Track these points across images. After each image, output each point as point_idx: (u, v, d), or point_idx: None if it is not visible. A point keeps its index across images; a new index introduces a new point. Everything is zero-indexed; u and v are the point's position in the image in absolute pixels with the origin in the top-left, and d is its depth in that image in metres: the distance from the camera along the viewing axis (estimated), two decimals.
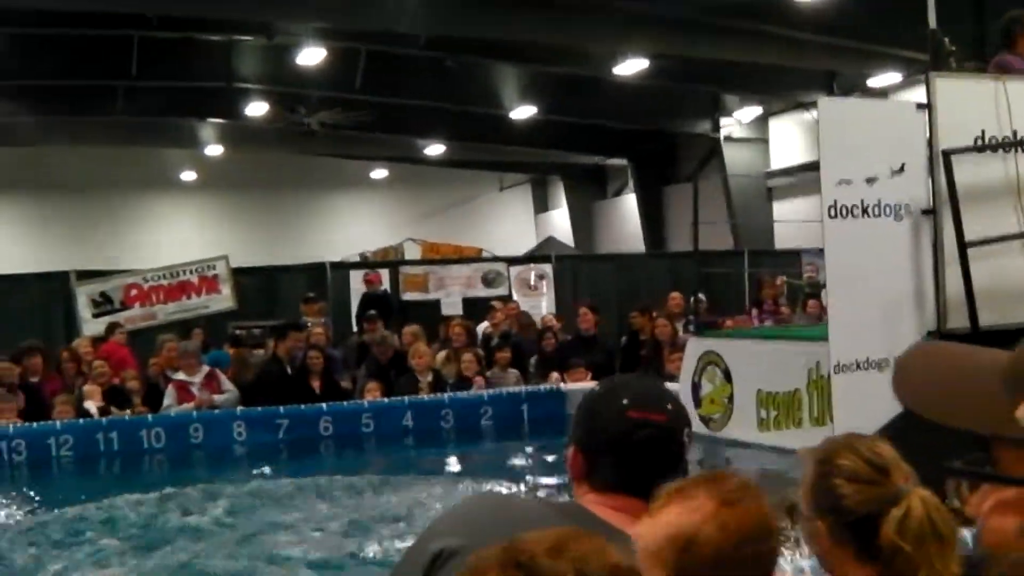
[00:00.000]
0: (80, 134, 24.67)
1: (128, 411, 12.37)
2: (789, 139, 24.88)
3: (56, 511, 9.02)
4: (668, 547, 2.01)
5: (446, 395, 12.88)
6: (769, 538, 2.06)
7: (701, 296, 12.63)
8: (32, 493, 10.16)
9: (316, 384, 13.05)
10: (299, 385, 12.94)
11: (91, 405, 12.15)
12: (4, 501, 9.68)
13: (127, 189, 26.37)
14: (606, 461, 2.33)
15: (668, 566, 2.02)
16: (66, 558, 7.56)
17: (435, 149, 28.30)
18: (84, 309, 16.01)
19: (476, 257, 21.77)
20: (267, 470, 11.10)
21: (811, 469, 2.27)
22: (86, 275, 16.77)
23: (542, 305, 19.02)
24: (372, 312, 15.99)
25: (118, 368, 13.28)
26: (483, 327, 15.95)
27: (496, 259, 20.70)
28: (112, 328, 15.01)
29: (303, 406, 12.46)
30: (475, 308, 17.91)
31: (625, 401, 2.33)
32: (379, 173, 31.67)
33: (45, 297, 16.73)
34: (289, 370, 13.17)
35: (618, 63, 20.60)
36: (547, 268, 19.93)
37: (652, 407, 2.34)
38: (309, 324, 14.74)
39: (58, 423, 11.78)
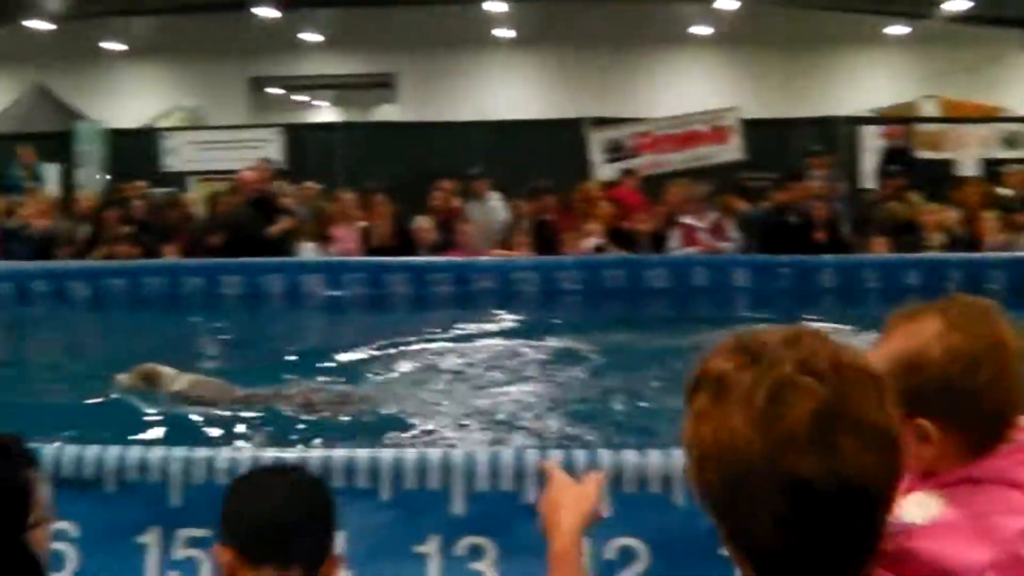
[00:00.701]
0: None
1: (629, 251, 12.90)
2: None
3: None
4: (896, 371, 1.91)
5: (953, 255, 12.38)
6: (1006, 367, 1.93)
7: None
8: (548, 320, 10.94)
9: (819, 236, 12.95)
10: (801, 236, 12.89)
11: (591, 242, 12.82)
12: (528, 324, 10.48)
13: (640, 43, 26.92)
14: None
15: (897, 391, 1.88)
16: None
17: (955, 5, 26.61)
18: (597, 155, 16.78)
19: (996, 117, 20.44)
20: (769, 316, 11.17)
21: None
22: (599, 123, 17.52)
23: None
24: (894, 167, 15.53)
25: (628, 211, 13.85)
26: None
27: (1018, 119, 19.34)
28: (624, 174, 15.65)
29: (804, 256, 12.42)
30: (993, 169, 16.87)
31: None
32: (895, 30, 30.29)
33: (560, 142, 17.63)
34: (793, 220, 13.15)
35: None
36: None
37: None
38: (815, 176, 14.58)
39: (568, 258, 12.57)
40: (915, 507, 1.89)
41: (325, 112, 34.18)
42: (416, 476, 4.17)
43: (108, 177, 18.48)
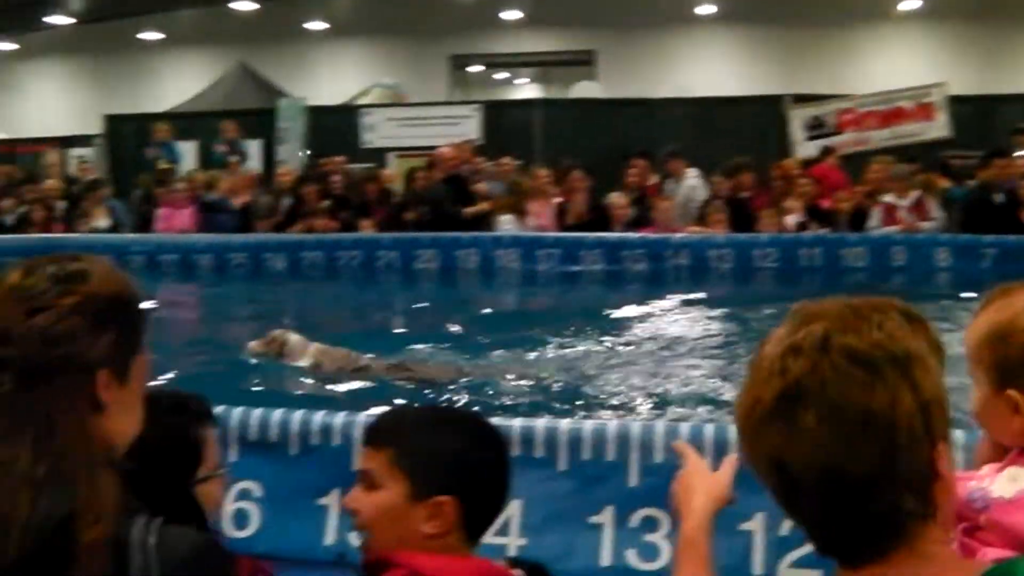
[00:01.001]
0: None
1: (828, 229, 12.61)
2: None
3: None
4: (986, 343, 2.06)
5: None
6: None
7: None
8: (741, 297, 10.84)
9: None
10: (1007, 215, 12.35)
11: (791, 219, 12.58)
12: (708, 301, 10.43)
13: (844, 19, 26.23)
14: None
15: (988, 363, 2.07)
16: None
17: None
18: (797, 132, 16.46)
19: None
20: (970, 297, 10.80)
21: None
22: (801, 100, 17.16)
23: None
24: None
25: (828, 189, 13.54)
26: None
27: None
28: (825, 152, 15.29)
29: (1010, 236, 11.93)
30: None
31: None
32: None
33: (760, 119, 17.36)
34: (998, 199, 12.60)
35: None
36: None
37: None
38: (1022, 154, 13.95)
39: (763, 235, 12.42)
40: (1007, 481, 1.96)
41: (525, 89, 34.37)
42: (593, 447, 4.15)
43: (308, 153, 18.99)
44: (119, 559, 1.66)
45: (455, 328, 9.29)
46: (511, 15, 27.65)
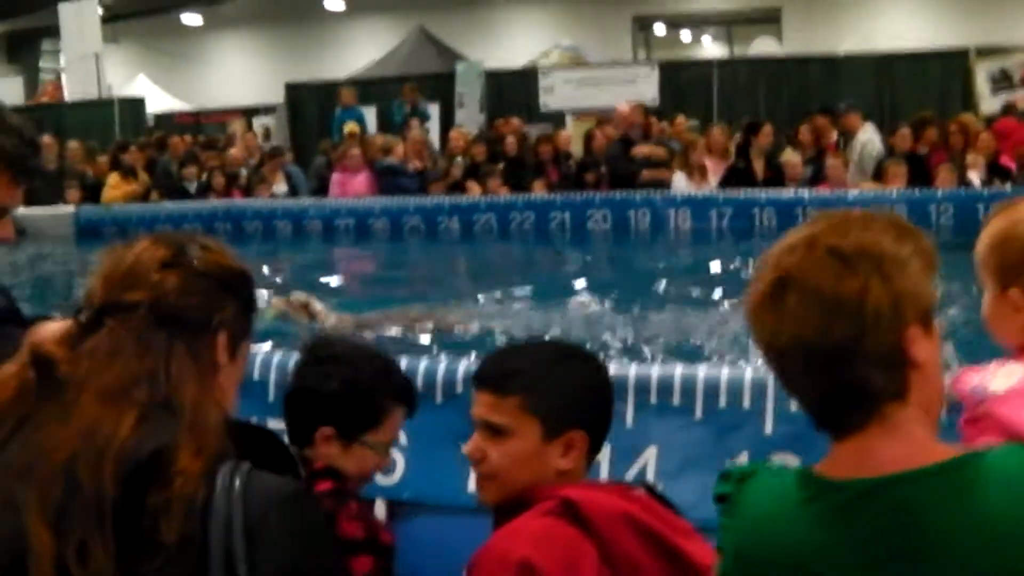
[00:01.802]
0: None
1: (1008, 185, 12.25)
2: None
3: None
4: (989, 248, 2.32)
5: None
6: None
7: None
8: None
9: None
10: None
11: (971, 175, 12.25)
12: None
13: None
14: None
15: (992, 267, 2.33)
16: None
17: None
18: (982, 85, 15.93)
19: None
20: None
21: None
22: (986, 52, 16.59)
23: None
24: None
25: (1011, 145, 13.18)
26: None
27: None
28: (1008, 107, 14.83)
29: None
30: None
31: None
32: None
33: (944, 73, 16.90)
34: None
35: None
36: None
37: None
38: None
39: (939, 191, 12.18)
40: (1003, 377, 2.16)
41: (709, 50, 33.96)
42: (729, 396, 4.20)
43: (486, 116, 19.22)
44: (205, 503, 1.70)
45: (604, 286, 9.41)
46: None
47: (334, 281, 10.68)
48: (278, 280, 9.84)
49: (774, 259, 1.75)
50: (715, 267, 10.87)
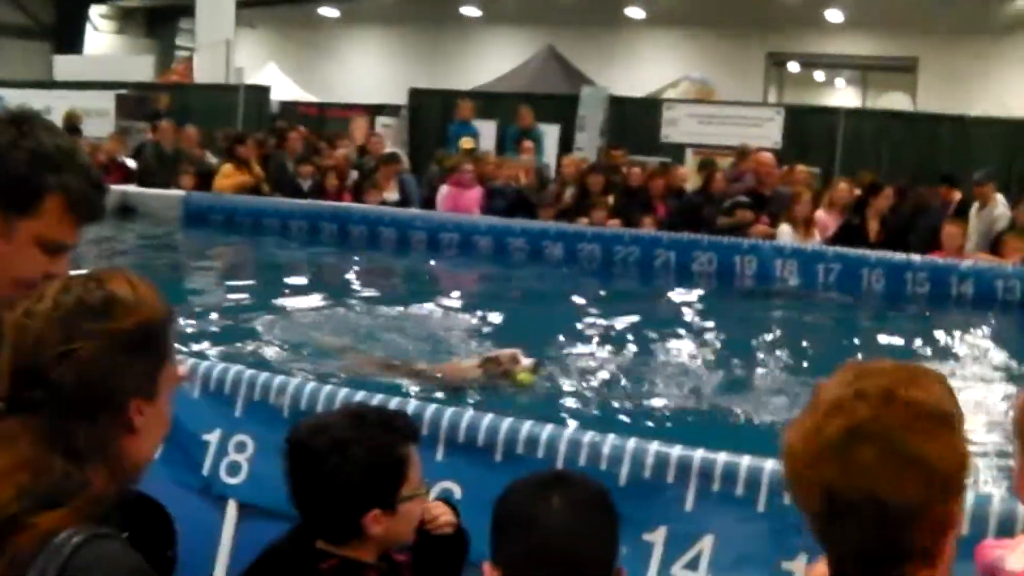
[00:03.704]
0: None
1: None
2: None
3: None
4: (1020, 412, 2.24)
5: None
6: None
7: None
8: None
9: None
10: None
11: None
12: None
13: None
14: None
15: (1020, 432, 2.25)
16: None
17: None
18: None
19: None
20: None
21: None
22: None
23: None
24: None
25: None
26: None
27: None
28: None
29: None
30: None
31: None
32: None
33: None
34: None
35: None
36: None
37: None
38: None
39: None
40: (1021, 554, 2.12)
41: (841, 93, 33.54)
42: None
43: (604, 143, 19.12)
44: (32, 557, 1.77)
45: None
46: (834, 15, 27.03)
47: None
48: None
49: (838, 403, 1.71)
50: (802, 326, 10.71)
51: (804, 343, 9.48)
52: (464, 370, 7.32)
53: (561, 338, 8.94)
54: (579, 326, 9.58)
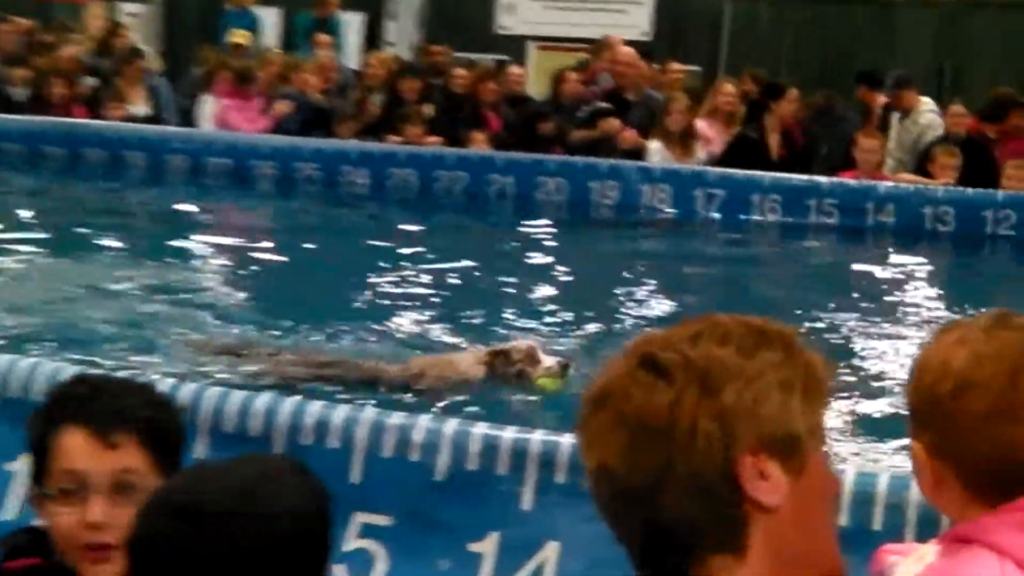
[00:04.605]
0: None
1: None
2: None
3: None
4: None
5: None
6: None
7: None
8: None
9: None
10: None
11: None
12: None
13: None
14: None
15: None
16: None
17: None
18: None
19: None
20: None
21: None
22: None
23: None
24: None
25: None
26: None
27: None
28: None
29: None
30: None
31: None
32: None
33: None
34: None
35: None
36: None
37: None
38: None
39: (1000, 194, 12.17)
40: (912, 562, 2.09)
41: None
42: None
43: (422, 36, 19.01)
44: None
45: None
46: None
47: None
48: None
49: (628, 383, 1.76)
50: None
51: (678, 289, 9.63)
52: (458, 367, 7.16)
53: (367, 295, 8.91)
54: (389, 277, 9.54)
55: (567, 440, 4.16)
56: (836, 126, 14.39)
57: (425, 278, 9.60)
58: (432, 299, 9.05)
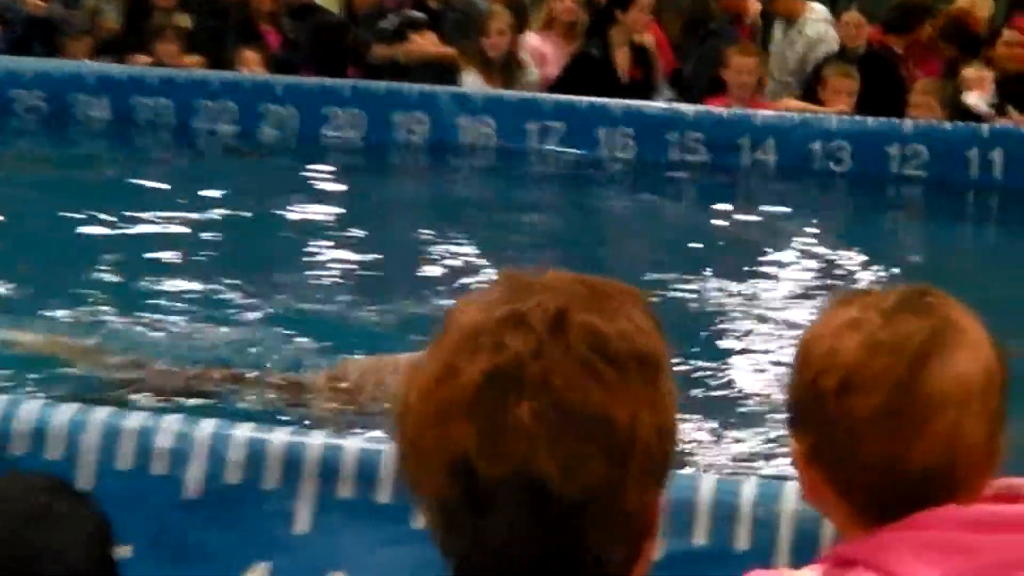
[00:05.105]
0: None
1: None
2: None
3: None
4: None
5: None
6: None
7: None
8: None
9: None
10: None
11: (973, 99, 12.67)
12: None
13: None
14: None
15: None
16: None
17: None
18: None
19: None
20: None
21: None
22: None
23: None
24: None
25: None
26: None
27: None
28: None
29: None
30: None
31: None
32: None
33: None
34: None
35: None
36: None
37: None
38: None
39: (907, 123, 12.39)
40: None
41: None
42: None
43: None
44: None
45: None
46: None
47: None
48: None
49: (489, 335, 1.67)
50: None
51: (503, 246, 9.71)
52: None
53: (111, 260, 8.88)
54: (135, 237, 9.58)
55: (352, 444, 4.21)
56: (704, 41, 14.46)
57: (181, 242, 9.57)
58: (191, 268, 8.99)
